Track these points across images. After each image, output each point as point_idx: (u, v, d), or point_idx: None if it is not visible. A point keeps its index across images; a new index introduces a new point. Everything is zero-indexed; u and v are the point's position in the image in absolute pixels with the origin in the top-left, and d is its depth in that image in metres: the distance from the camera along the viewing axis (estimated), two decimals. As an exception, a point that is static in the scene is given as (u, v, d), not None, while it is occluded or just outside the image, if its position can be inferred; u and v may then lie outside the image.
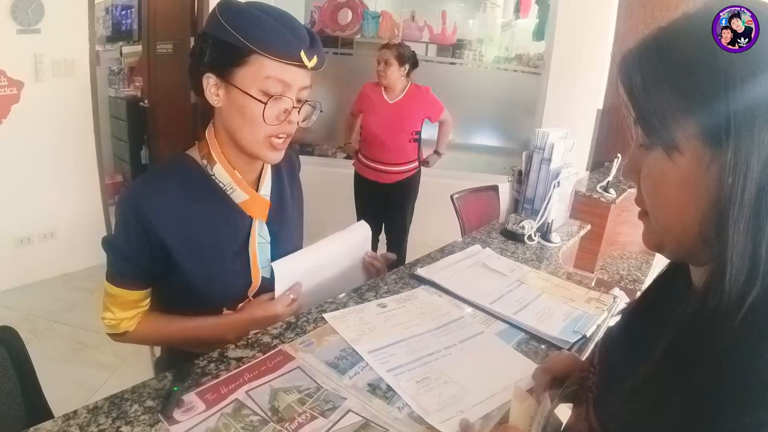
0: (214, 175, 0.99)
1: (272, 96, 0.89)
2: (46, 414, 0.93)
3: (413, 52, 2.88)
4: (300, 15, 3.99)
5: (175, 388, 0.76)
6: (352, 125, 3.09)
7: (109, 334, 1.04)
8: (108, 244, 0.97)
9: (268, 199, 1.06)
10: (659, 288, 0.64)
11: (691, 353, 0.46)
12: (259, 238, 1.05)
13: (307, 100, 0.97)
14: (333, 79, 4.08)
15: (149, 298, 1.04)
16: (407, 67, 2.80)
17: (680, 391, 0.46)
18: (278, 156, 0.97)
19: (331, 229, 1.19)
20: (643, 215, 0.54)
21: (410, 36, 3.88)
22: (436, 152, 3.06)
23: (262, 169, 1.06)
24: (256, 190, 1.03)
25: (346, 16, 3.90)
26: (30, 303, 2.78)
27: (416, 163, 2.96)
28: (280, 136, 0.94)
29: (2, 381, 0.88)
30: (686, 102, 0.46)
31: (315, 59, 0.91)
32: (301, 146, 4.19)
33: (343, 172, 3.15)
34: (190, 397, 0.77)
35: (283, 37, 0.86)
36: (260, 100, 0.89)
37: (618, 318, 0.70)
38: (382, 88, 2.86)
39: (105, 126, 3.98)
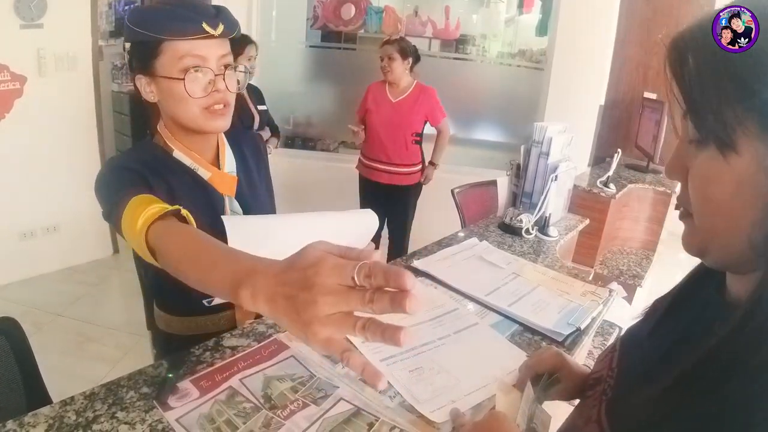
0: (178, 159, 1.04)
1: (188, 71, 0.94)
2: (46, 403, 0.94)
3: (414, 46, 2.88)
4: (303, 10, 4.00)
5: (170, 375, 0.77)
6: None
7: (148, 247, 0.77)
8: (98, 185, 1.01)
9: (235, 174, 1.11)
10: (687, 293, 0.60)
11: (727, 366, 0.43)
12: (233, 214, 1.09)
13: (235, 67, 1.01)
14: (336, 75, 4.08)
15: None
16: (410, 60, 2.81)
17: (709, 403, 0.43)
18: (222, 123, 1.01)
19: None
20: (686, 216, 0.49)
21: (413, 31, 3.87)
22: (432, 163, 2.99)
23: (218, 146, 1.11)
24: (219, 168, 1.09)
25: (350, 11, 3.90)
26: (33, 296, 2.80)
27: (420, 166, 2.96)
28: (216, 106, 0.99)
29: (3, 370, 0.90)
30: (749, 96, 0.40)
31: (221, 27, 0.95)
32: (303, 141, 4.20)
33: (346, 167, 3.16)
34: (185, 385, 0.79)
35: (181, 16, 0.92)
36: (179, 78, 0.95)
37: (640, 319, 0.66)
38: (387, 86, 2.87)
39: (108, 121, 3.99)
